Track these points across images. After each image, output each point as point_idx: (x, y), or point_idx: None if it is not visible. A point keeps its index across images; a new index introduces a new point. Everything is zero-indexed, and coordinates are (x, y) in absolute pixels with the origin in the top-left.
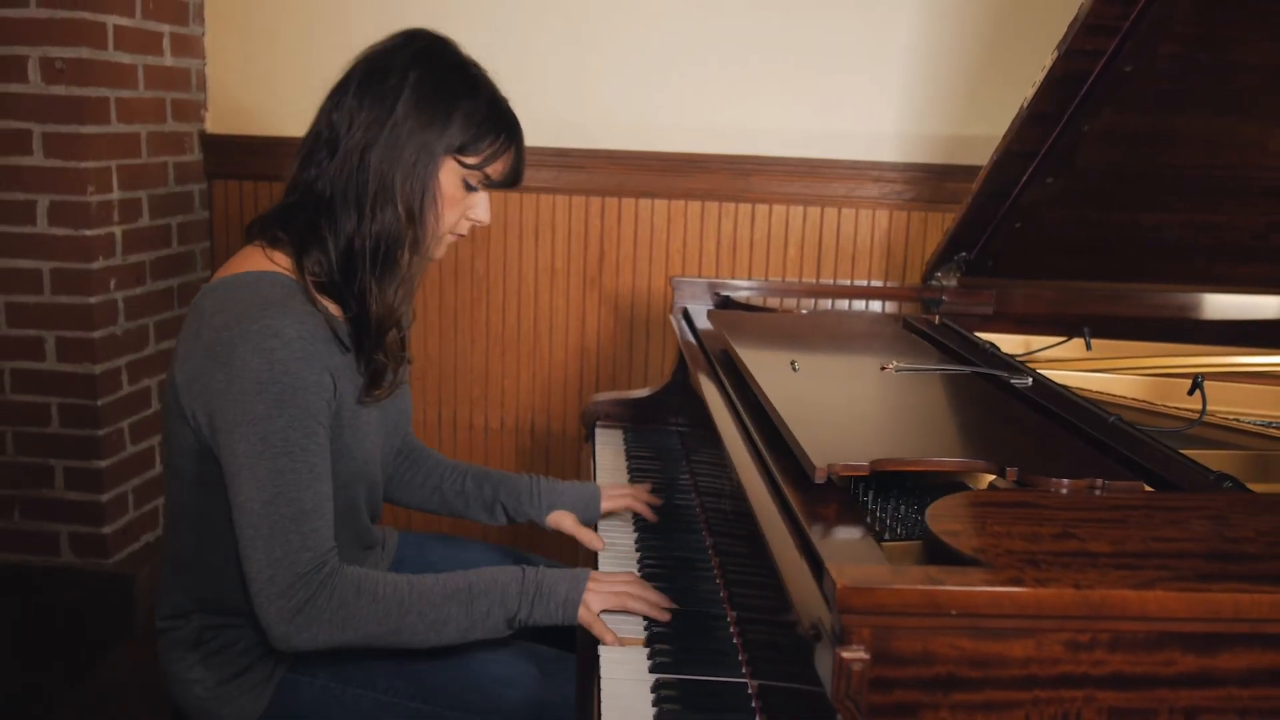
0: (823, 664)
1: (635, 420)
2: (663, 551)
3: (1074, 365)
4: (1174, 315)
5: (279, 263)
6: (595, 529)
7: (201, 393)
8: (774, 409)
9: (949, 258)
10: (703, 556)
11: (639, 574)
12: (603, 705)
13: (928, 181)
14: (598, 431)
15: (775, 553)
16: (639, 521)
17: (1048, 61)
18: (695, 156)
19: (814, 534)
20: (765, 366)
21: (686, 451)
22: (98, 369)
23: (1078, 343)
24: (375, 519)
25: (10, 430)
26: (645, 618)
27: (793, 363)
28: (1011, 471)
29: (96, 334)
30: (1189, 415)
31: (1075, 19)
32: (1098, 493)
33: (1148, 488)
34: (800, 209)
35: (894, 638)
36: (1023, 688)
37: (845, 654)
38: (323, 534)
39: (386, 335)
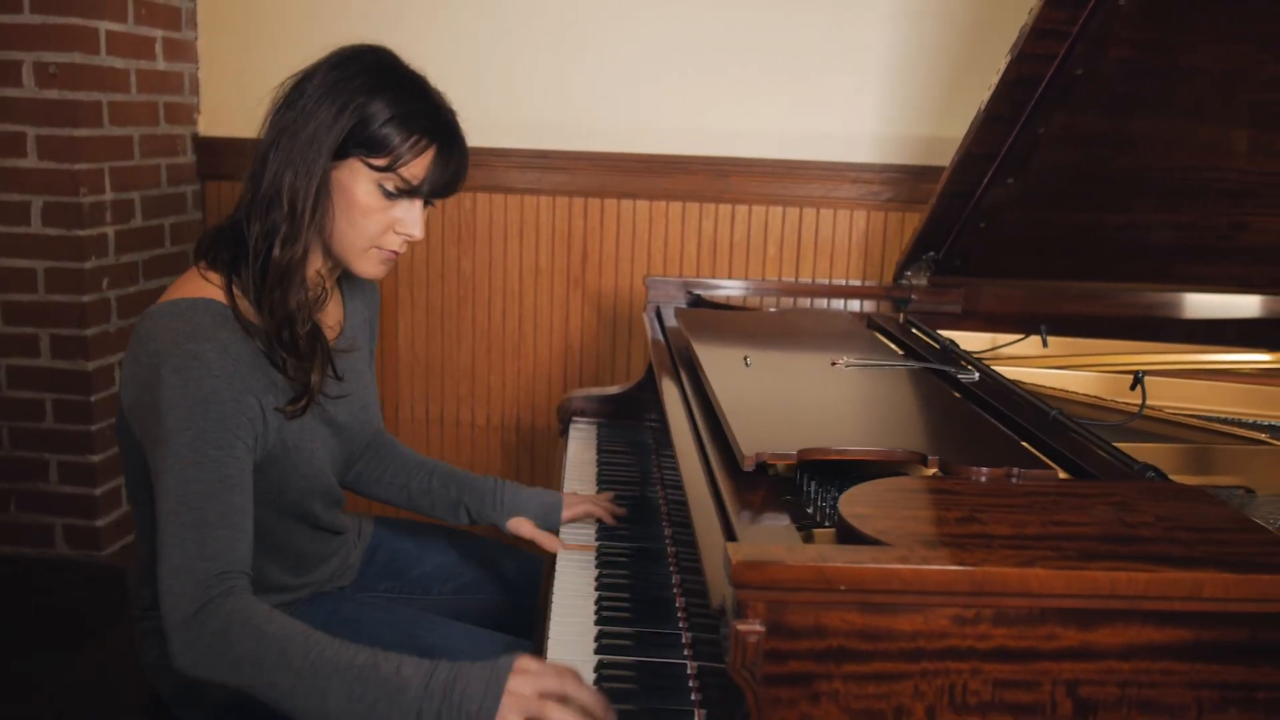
0: (725, 637)
1: (609, 416)
2: (626, 542)
3: (1037, 362)
4: (1142, 314)
5: (214, 283)
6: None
7: (139, 416)
8: (716, 401)
9: (917, 257)
10: (661, 546)
11: (597, 564)
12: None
13: (904, 182)
14: (573, 427)
15: (700, 536)
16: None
17: (1001, 65)
18: (675, 158)
19: (735, 518)
20: (719, 362)
21: (657, 446)
22: (90, 366)
23: (1036, 340)
24: (338, 508)
25: (6, 425)
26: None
27: (745, 358)
28: (934, 460)
29: (89, 331)
30: (1131, 408)
31: (1026, 23)
32: (1014, 480)
33: (1066, 476)
34: (779, 209)
35: (787, 612)
36: (911, 660)
37: (741, 626)
38: (226, 545)
39: (290, 340)
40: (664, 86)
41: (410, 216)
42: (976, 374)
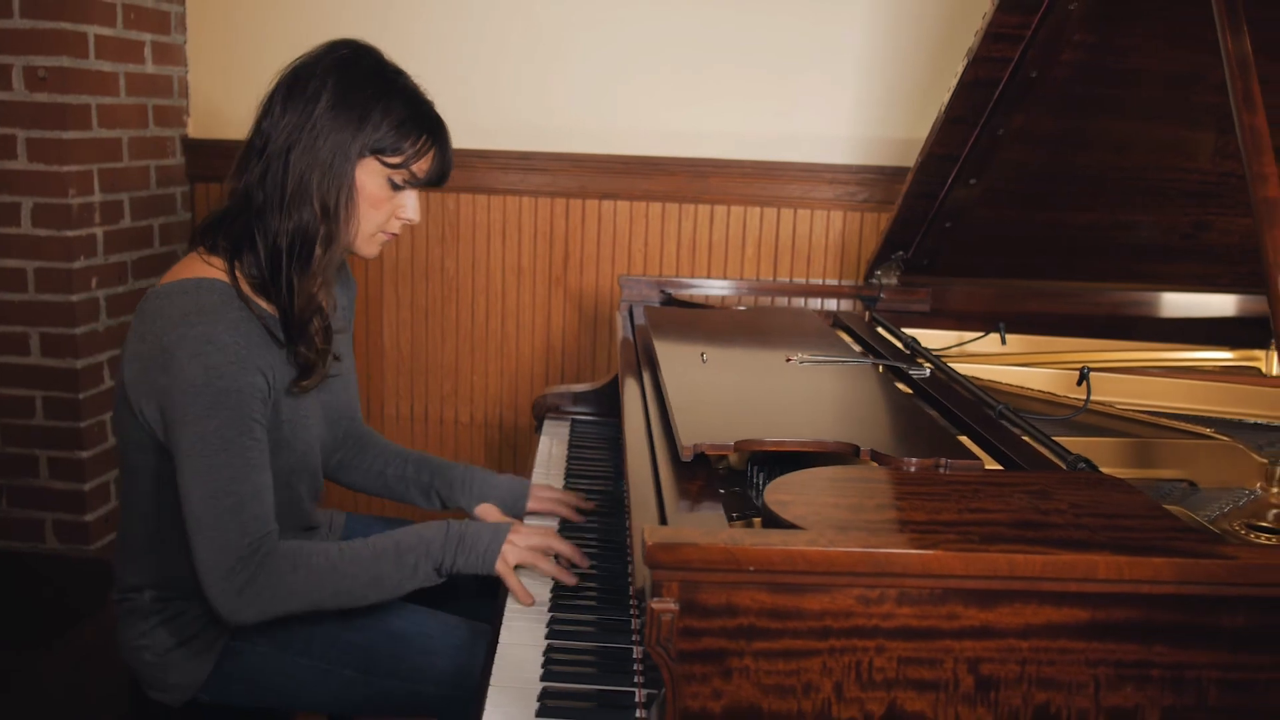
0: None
1: (581, 412)
2: (589, 534)
3: (999, 359)
4: (1110, 312)
5: (216, 266)
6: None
7: (148, 392)
8: (666, 395)
9: (886, 257)
10: (623, 538)
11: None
12: (494, 668)
13: (880, 183)
14: (546, 423)
15: (634, 524)
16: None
17: (959, 67)
18: (655, 159)
19: (673, 506)
20: (677, 358)
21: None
22: (79, 364)
23: (1012, 338)
24: (315, 501)
25: None
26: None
27: (703, 354)
28: (865, 452)
29: (78, 330)
30: (1090, 405)
31: (980, 27)
32: (942, 471)
33: (997, 466)
34: (757, 210)
35: (700, 591)
36: (819, 638)
37: (655, 605)
38: (260, 519)
39: (309, 326)
40: (643, 89)
41: (411, 203)
42: (928, 370)
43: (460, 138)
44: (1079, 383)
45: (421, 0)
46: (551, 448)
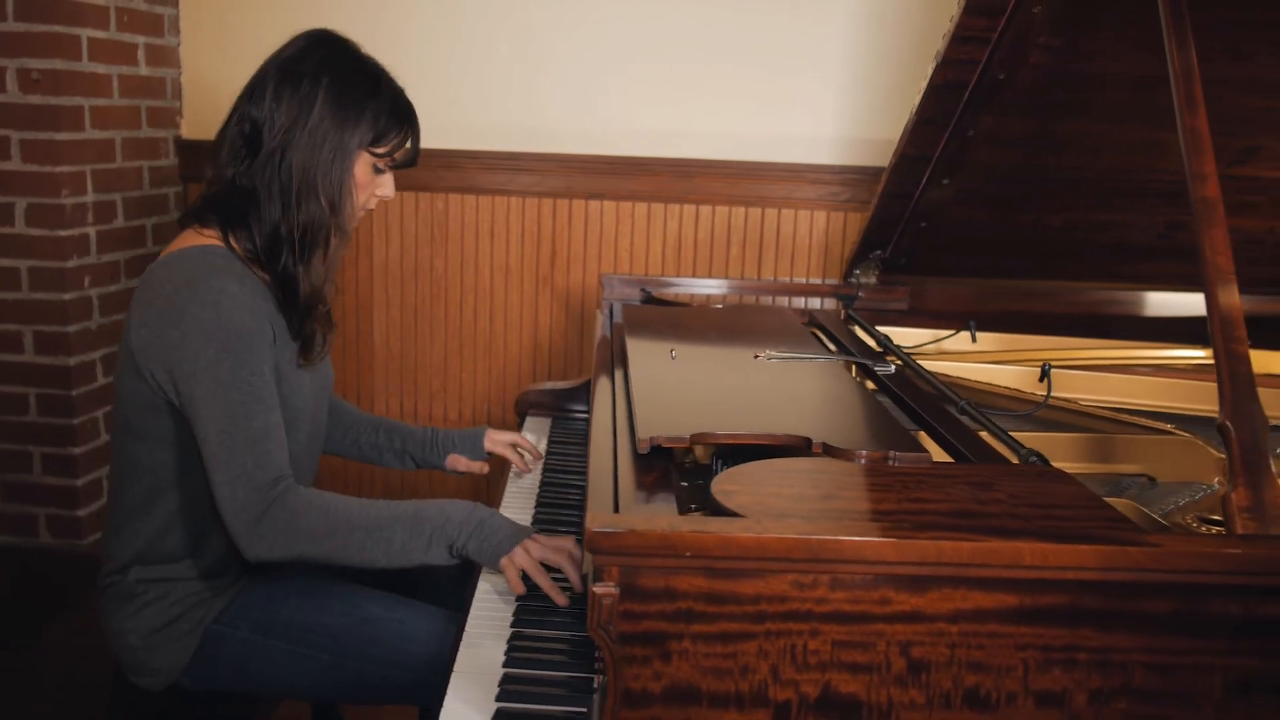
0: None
1: (563, 409)
2: (563, 528)
3: (973, 357)
4: (1088, 311)
5: (213, 238)
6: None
7: (158, 353)
8: (630, 391)
9: (864, 256)
10: None
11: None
12: (459, 654)
13: (863, 183)
14: (528, 419)
15: (589, 514)
16: (541, 497)
17: (929, 69)
18: (640, 160)
19: (624, 496)
20: (647, 355)
21: None
22: (72, 361)
23: (985, 336)
24: (313, 468)
25: None
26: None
27: (672, 351)
28: (817, 444)
29: (71, 328)
30: (1053, 402)
31: (947, 30)
32: (891, 463)
33: (949, 458)
34: (741, 210)
35: (640, 576)
36: (754, 621)
37: (597, 589)
38: (274, 455)
39: (314, 310)
40: (629, 90)
41: (388, 183)
42: (893, 367)
43: (449, 138)
44: (1040, 379)
45: (412, 2)
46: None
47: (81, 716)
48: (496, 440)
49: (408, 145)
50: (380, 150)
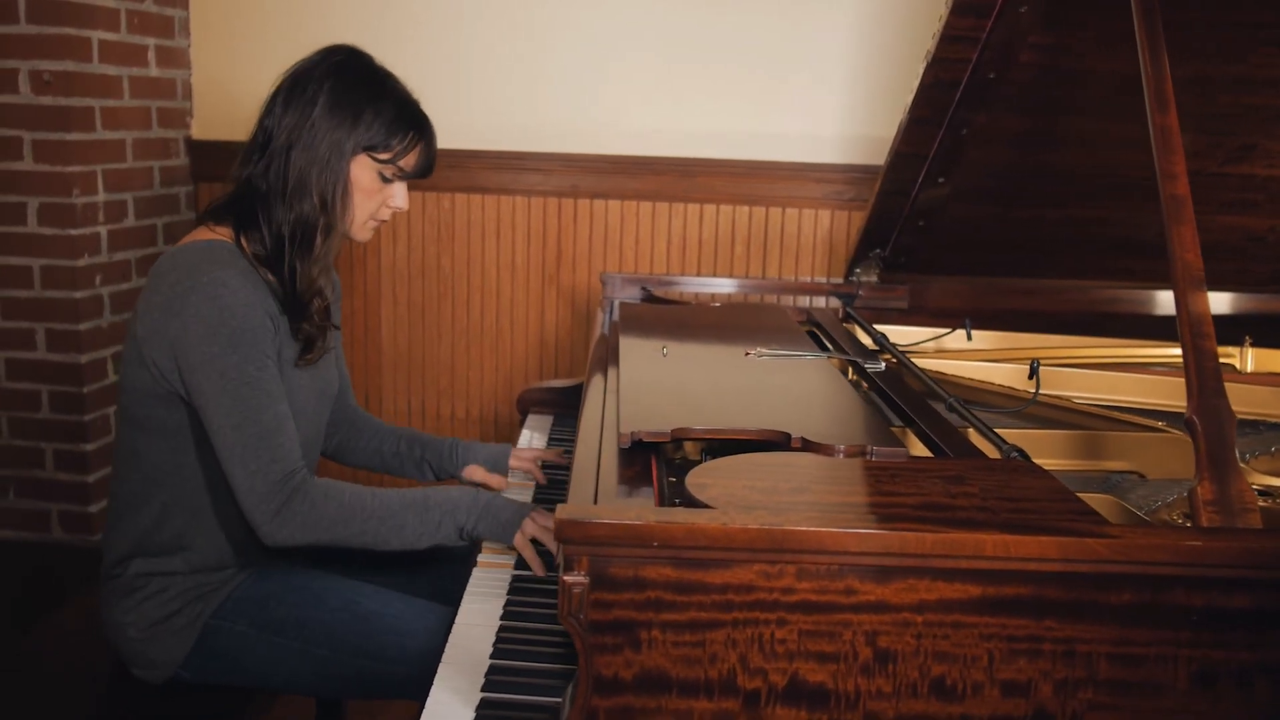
0: None
1: (564, 406)
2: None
3: (969, 355)
4: (1087, 309)
5: (224, 235)
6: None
7: (162, 343)
8: (618, 387)
9: (864, 255)
10: None
11: (515, 565)
12: (448, 646)
13: (867, 182)
14: (530, 417)
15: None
16: (538, 495)
17: (920, 69)
18: (644, 159)
19: (604, 489)
20: (639, 352)
21: None
22: (84, 359)
23: (980, 334)
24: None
25: (4, 415)
26: None
27: (663, 348)
28: (796, 439)
29: (82, 326)
30: (1045, 399)
31: (937, 29)
32: (869, 457)
33: (927, 454)
34: (745, 208)
35: (609, 565)
36: (722, 610)
37: (567, 578)
38: (288, 449)
39: (310, 305)
40: (633, 90)
41: (400, 193)
42: (883, 365)
43: (454, 138)
44: (1029, 376)
45: (416, 3)
46: (532, 439)
47: (84, 706)
48: (523, 458)
49: (415, 154)
50: (382, 156)
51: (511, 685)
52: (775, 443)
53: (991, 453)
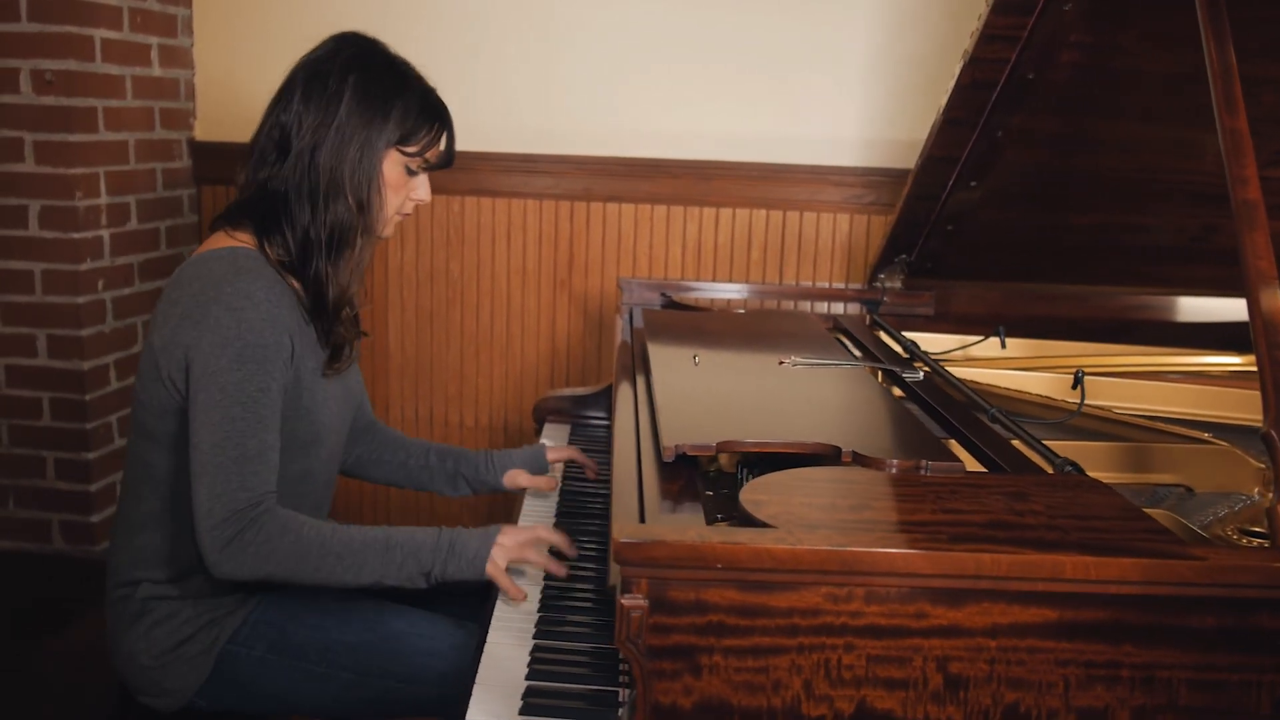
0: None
1: (581, 415)
2: (590, 538)
3: (1001, 363)
4: (1117, 316)
5: (245, 241)
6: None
7: (177, 352)
8: (654, 397)
9: (889, 260)
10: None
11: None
12: (480, 667)
13: (887, 185)
14: (547, 426)
15: (614, 524)
16: (561, 507)
17: (956, 69)
18: (659, 161)
19: (649, 505)
20: (670, 361)
21: None
22: (86, 365)
23: (1013, 341)
24: (330, 485)
25: (5, 423)
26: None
27: (695, 357)
28: (846, 453)
29: (84, 332)
30: (1086, 410)
31: (975, 28)
32: (922, 472)
33: (981, 468)
34: (762, 212)
35: (669, 588)
36: (788, 635)
37: (625, 601)
38: (262, 477)
39: (340, 313)
40: (647, 91)
41: (423, 185)
42: (921, 374)
43: (464, 140)
44: (1074, 386)
45: (425, 3)
46: None
47: None
48: (559, 454)
49: (440, 144)
50: (410, 149)
51: (553, 710)
52: (825, 456)
53: (1039, 466)
